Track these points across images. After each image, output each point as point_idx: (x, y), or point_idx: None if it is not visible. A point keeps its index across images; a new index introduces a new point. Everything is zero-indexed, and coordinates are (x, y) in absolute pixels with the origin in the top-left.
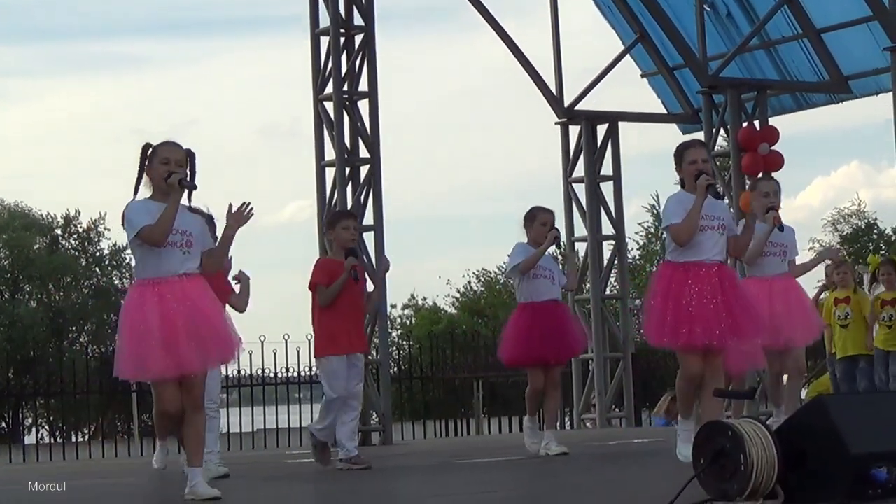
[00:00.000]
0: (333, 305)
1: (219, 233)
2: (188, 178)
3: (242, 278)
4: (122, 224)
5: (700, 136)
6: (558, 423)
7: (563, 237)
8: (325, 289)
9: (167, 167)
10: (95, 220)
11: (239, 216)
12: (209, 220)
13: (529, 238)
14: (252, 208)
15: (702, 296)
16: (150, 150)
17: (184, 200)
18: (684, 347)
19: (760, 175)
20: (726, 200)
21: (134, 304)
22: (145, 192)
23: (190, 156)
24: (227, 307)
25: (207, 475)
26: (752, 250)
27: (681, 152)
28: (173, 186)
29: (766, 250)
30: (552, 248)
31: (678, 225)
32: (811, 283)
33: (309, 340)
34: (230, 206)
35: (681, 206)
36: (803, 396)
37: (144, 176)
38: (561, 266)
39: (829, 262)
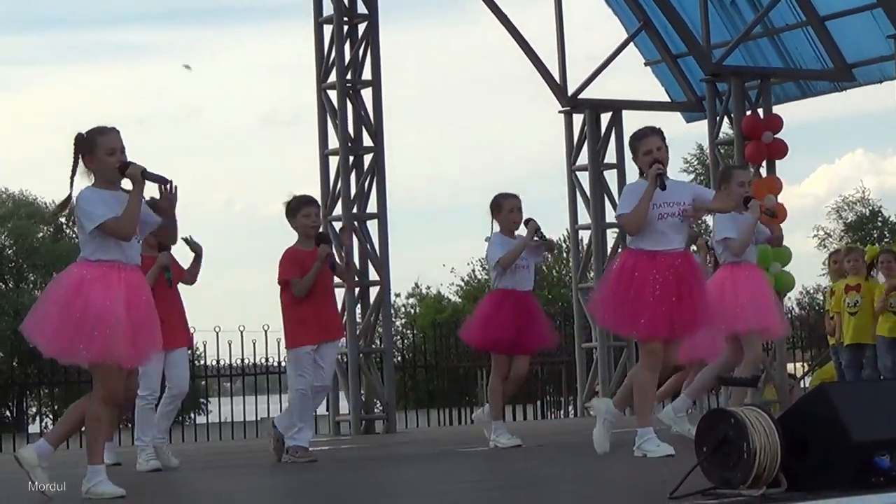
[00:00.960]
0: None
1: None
2: (147, 170)
3: (195, 249)
4: (75, 214)
5: (704, 124)
6: (562, 413)
7: (569, 226)
8: (300, 280)
9: (114, 157)
10: None
11: (167, 199)
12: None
13: (501, 227)
14: (175, 186)
15: (663, 287)
16: (84, 139)
17: (126, 184)
18: (646, 337)
19: (734, 164)
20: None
21: (93, 281)
22: (84, 181)
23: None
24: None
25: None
26: (741, 242)
27: (635, 142)
28: (135, 178)
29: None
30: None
31: (627, 214)
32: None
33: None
34: (166, 187)
35: (634, 195)
36: (807, 384)
37: (81, 167)
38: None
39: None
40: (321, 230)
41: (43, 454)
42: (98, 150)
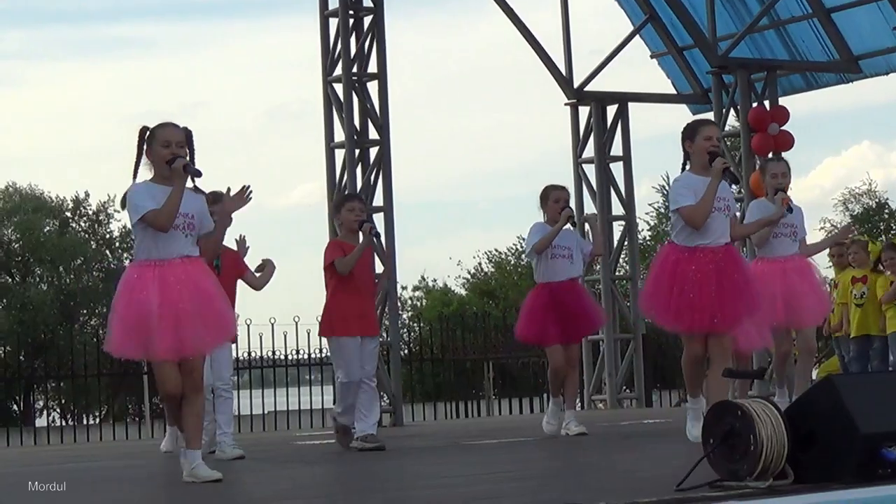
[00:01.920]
0: (347, 287)
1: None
2: (191, 162)
3: (269, 265)
4: (124, 207)
5: (710, 116)
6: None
7: (575, 217)
8: (343, 258)
9: (168, 150)
10: (105, 203)
11: (239, 198)
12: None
13: (546, 217)
14: (251, 191)
15: (703, 282)
16: (148, 133)
17: (188, 183)
18: (687, 331)
19: (770, 155)
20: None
21: (133, 284)
22: (145, 174)
23: (188, 135)
24: (242, 283)
25: (222, 456)
26: (762, 232)
27: (695, 128)
28: (178, 171)
29: (776, 231)
30: (570, 226)
31: (692, 208)
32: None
33: (319, 322)
34: (228, 189)
35: (688, 188)
36: (814, 377)
37: (144, 159)
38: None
39: (842, 241)
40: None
41: (195, 457)
42: (155, 142)
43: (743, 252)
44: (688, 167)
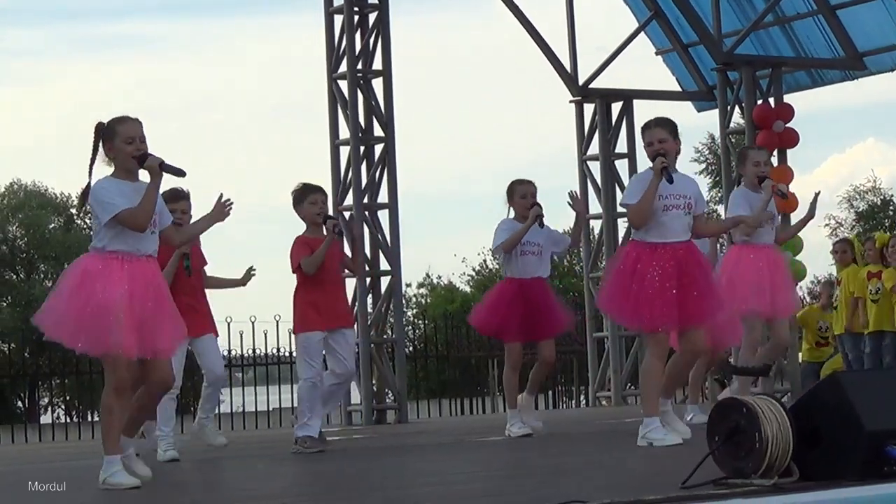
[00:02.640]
0: (315, 281)
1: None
2: (165, 161)
3: (246, 275)
4: (83, 204)
5: (715, 113)
6: (574, 402)
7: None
8: (309, 257)
9: (133, 146)
10: None
11: (222, 210)
12: (184, 195)
13: (514, 213)
14: (231, 205)
15: (663, 279)
16: (104, 128)
17: (145, 176)
18: (650, 328)
19: (748, 145)
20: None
21: (98, 275)
22: (104, 170)
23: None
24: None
25: (160, 455)
26: (752, 221)
27: (642, 132)
28: (153, 170)
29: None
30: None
31: (632, 206)
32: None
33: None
34: (220, 195)
35: (641, 184)
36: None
37: (101, 156)
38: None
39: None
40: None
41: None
42: (117, 138)
43: (720, 249)
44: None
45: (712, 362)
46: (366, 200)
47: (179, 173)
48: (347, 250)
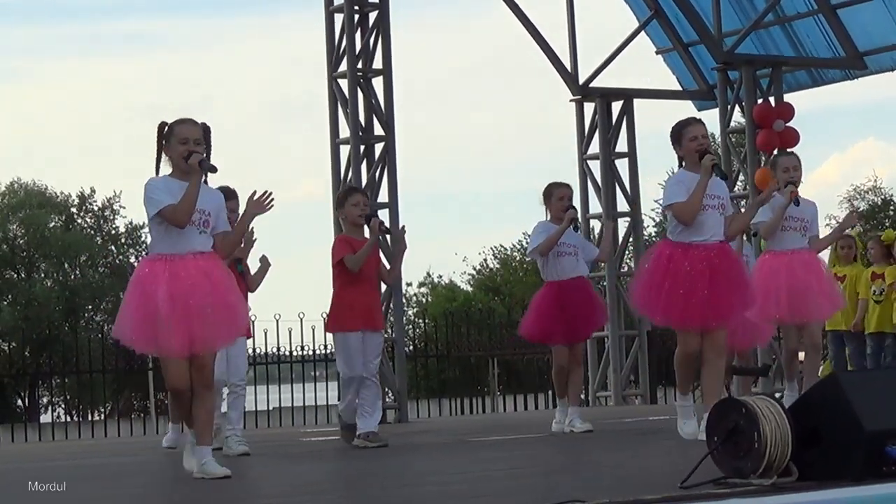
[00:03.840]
0: (354, 281)
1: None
2: (207, 158)
3: (263, 262)
4: (143, 201)
5: (715, 112)
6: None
7: (579, 215)
8: (353, 255)
9: (186, 146)
10: (110, 199)
11: (259, 204)
12: (232, 194)
13: (550, 215)
14: (273, 198)
15: (695, 278)
16: (167, 128)
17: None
18: (679, 327)
19: (777, 151)
20: (741, 177)
21: (144, 279)
22: (165, 169)
23: (206, 130)
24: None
25: (229, 452)
26: (769, 224)
27: (680, 129)
28: (194, 167)
29: (785, 224)
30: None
31: (682, 204)
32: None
33: (324, 319)
34: (254, 192)
35: (682, 185)
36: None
37: (163, 154)
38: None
39: (849, 229)
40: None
41: (205, 454)
42: (173, 138)
43: (748, 248)
44: (683, 165)
45: (730, 362)
46: None
47: (212, 169)
48: (384, 261)
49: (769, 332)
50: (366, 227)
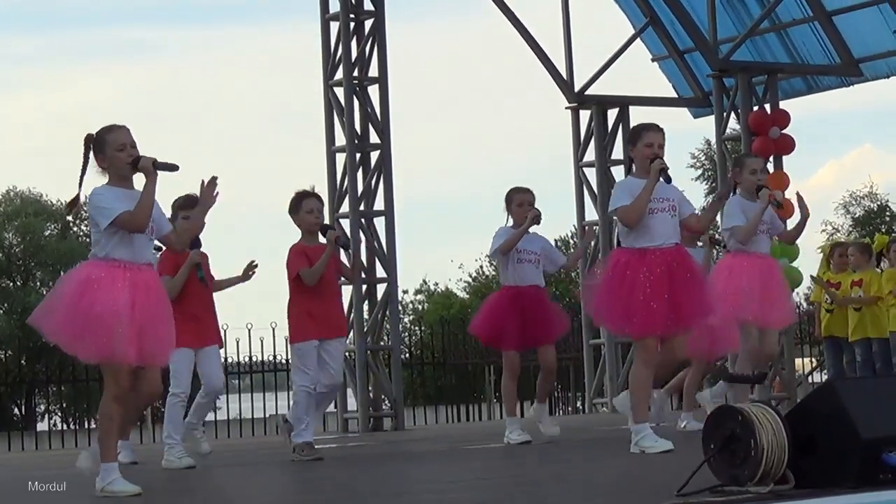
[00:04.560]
0: (310, 289)
1: None
2: (158, 160)
3: (248, 268)
4: (86, 211)
5: (711, 119)
6: (570, 409)
7: (576, 222)
8: (310, 269)
9: (125, 153)
10: None
11: (211, 191)
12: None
13: (512, 221)
14: (216, 181)
15: (653, 285)
16: (93, 138)
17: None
18: (639, 336)
19: (744, 152)
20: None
21: (101, 282)
22: (96, 181)
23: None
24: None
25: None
26: (746, 230)
27: (639, 132)
28: (147, 170)
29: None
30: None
31: (626, 207)
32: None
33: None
34: (202, 181)
35: (628, 190)
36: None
37: (93, 166)
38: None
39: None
40: (324, 223)
41: (96, 455)
42: (108, 147)
43: (714, 256)
44: (633, 171)
45: (708, 370)
46: (362, 207)
47: (173, 168)
48: (343, 258)
49: (736, 336)
50: (320, 235)
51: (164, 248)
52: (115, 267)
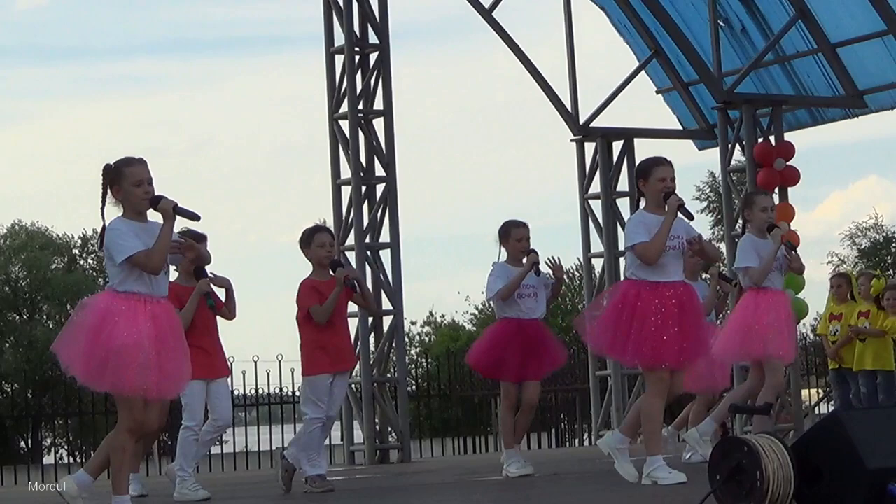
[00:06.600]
0: (322, 325)
1: None
2: (179, 204)
3: (223, 283)
4: (104, 245)
5: (716, 151)
6: (576, 440)
7: (581, 254)
8: (320, 306)
9: (141, 188)
10: None
11: (184, 248)
12: (202, 238)
13: (507, 255)
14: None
15: (665, 318)
16: (111, 170)
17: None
18: (652, 365)
19: (754, 189)
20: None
21: (123, 315)
22: (115, 211)
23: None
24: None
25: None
26: (760, 272)
27: (650, 166)
28: (167, 213)
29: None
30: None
31: (646, 244)
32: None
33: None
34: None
35: (643, 225)
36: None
37: (110, 198)
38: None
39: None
40: (335, 258)
41: (83, 485)
42: (125, 180)
43: (719, 291)
44: (642, 205)
45: (711, 402)
46: (368, 240)
47: (194, 217)
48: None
49: (728, 372)
50: (331, 271)
51: None
52: (134, 299)
